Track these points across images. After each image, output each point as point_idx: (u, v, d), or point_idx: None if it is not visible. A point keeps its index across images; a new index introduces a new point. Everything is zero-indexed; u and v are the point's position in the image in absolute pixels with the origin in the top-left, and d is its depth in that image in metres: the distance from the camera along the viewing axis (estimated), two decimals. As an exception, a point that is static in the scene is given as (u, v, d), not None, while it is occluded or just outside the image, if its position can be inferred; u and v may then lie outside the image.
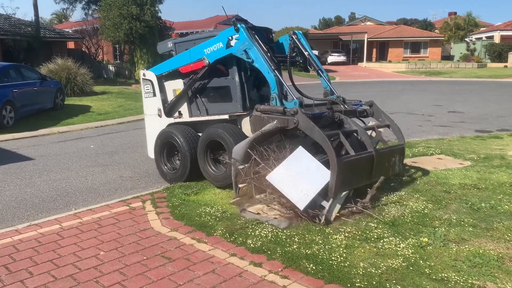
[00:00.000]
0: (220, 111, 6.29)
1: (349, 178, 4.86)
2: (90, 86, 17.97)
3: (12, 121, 11.21)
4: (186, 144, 6.21)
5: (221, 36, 5.86)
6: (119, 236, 4.56)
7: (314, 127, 4.84)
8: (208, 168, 6.12)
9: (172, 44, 6.93)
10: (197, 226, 4.75)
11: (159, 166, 6.76)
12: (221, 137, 5.76)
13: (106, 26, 24.24)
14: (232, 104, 6.17)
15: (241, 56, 5.72)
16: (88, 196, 6.16)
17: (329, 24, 75.76)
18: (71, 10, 35.31)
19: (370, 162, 5.13)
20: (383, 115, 6.13)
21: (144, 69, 7.30)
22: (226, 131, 5.73)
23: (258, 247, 4.15)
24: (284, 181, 4.62)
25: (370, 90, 21.95)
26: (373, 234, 4.35)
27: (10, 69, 12.25)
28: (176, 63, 6.64)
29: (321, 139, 4.78)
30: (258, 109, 5.38)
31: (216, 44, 5.94)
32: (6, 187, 6.53)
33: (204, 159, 6.12)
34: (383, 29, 52.35)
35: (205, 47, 6.10)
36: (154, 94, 6.92)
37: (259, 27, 6.46)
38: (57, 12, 54.24)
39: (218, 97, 6.39)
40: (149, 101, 7.02)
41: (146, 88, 7.01)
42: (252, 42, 5.59)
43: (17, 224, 5.02)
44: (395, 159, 5.64)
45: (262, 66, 5.53)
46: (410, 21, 69.66)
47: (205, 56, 6.08)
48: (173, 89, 6.85)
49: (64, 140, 10.06)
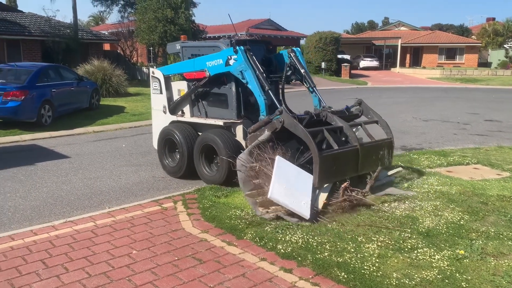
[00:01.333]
0: (218, 115, 6.82)
1: (332, 170, 5.26)
2: (125, 87, 18.36)
3: (50, 119, 11.57)
4: (184, 142, 6.75)
5: (222, 53, 6.36)
6: (151, 235, 4.63)
7: (298, 124, 5.35)
8: (202, 169, 6.62)
9: (180, 46, 7.42)
10: (227, 228, 4.76)
11: (161, 159, 7.35)
12: (214, 142, 6.27)
13: (141, 29, 24.75)
14: (228, 111, 6.68)
15: (237, 75, 6.22)
16: (122, 195, 6.29)
17: (361, 29, 74.95)
18: (108, 13, 36.24)
19: (355, 155, 5.53)
20: (372, 112, 6.62)
21: (153, 67, 7.82)
22: (219, 137, 6.24)
23: (289, 252, 4.13)
24: (285, 195, 4.85)
25: (402, 96, 21.54)
26: (406, 244, 4.25)
27: (50, 70, 12.66)
28: (182, 68, 7.18)
29: (303, 135, 5.26)
30: (250, 130, 5.84)
31: (217, 60, 6.42)
32: (44, 184, 6.73)
33: (199, 161, 6.62)
34: (417, 34, 51.34)
35: (208, 60, 6.58)
36: (160, 91, 7.50)
37: (259, 41, 7.30)
38: (94, 15, 55.74)
39: (217, 102, 6.88)
40: (156, 97, 7.63)
41: (154, 85, 7.63)
42: (248, 65, 6.04)
43: (54, 220, 5.17)
44: (383, 152, 5.98)
45: (254, 89, 6.04)
46: (446, 27, 68.08)
47: (207, 68, 6.58)
48: (178, 89, 7.37)
49: (99, 140, 10.31)
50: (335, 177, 5.41)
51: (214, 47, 6.72)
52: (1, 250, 4.26)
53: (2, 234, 4.71)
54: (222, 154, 6.12)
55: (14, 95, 10.55)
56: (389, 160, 6.16)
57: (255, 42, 7.15)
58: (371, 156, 5.79)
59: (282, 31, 38.47)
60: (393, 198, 5.60)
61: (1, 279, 3.72)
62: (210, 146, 6.40)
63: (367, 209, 5.25)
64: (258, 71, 6.05)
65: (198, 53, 7.02)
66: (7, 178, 6.96)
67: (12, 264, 3.99)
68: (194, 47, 7.25)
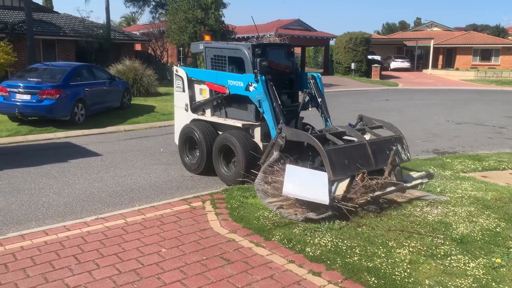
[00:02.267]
0: (237, 116, 6.98)
1: (344, 164, 5.36)
2: (155, 87, 18.62)
3: (83, 118, 11.84)
4: (203, 140, 7.01)
5: (244, 77, 6.48)
6: (180, 234, 4.67)
7: (298, 131, 5.69)
8: (220, 168, 6.84)
9: (203, 47, 7.52)
10: (255, 229, 4.75)
11: (181, 156, 7.65)
12: (232, 143, 6.45)
13: (172, 30, 25.04)
14: (247, 113, 6.81)
15: (255, 102, 6.39)
16: (151, 193, 6.37)
17: (392, 29, 73.65)
18: (139, 14, 36.83)
19: (364, 150, 5.65)
20: (374, 120, 6.75)
21: (177, 66, 8.13)
22: (237, 139, 6.41)
23: (317, 255, 4.08)
24: (299, 190, 4.90)
25: (434, 98, 21.03)
26: (439, 251, 4.14)
27: (83, 69, 12.96)
28: (205, 76, 7.34)
29: (306, 137, 5.55)
30: (262, 161, 5.95)
31: (238, 82, 6.56)
32: (76, 180, 6.90)
33: (217, 160, 6.83)
34: (451, 35, 50.05)
35: (230, 78, 6.72)
36: (183, 89, 7.74)
37: (280, 44, 7.46)
38: (126, 15, 56.81)
39: (237, 103, 6.99)
40: (179, 95, 7.88)
41: (178, 83, 7.87)
42: (267, 96, 6.16)
43: (86, 217, 5.28)
44: (397, 147, 6.04)
45: (269, 121, 6.20)
46: (481, 27, 66.14)
47: (228, 86, 6.74)
48: (200, 88, 7.56)
49: (129, 138, 10.49)
50: (349, 170, 5.40)
51: (236, 50, 6.85)
52: (36, 245, 4.38)
53: (37, 229, 4.85)
54: (239, 155, 6.32)
55: (49, 94, 10.85)
56: (407, 155, 6.20)
57: (275, 46, 7.37)
58: (383, 151, 5.85)
59: (311, 32, 38.17)
60: (425, 203, 5.46)
61: (36, 273, 3.82)
62: (228, 147, 6.57)
63: (398, 213, 5.14)
64: (276, 103, 6.18)
65: (220, 54, 7.14)
66: (42, 174, 7.17)
67: (46, 258, 4.10)
68: (217, 48, 7.33)
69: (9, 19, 22.83)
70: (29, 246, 4.36)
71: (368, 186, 5.20)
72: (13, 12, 24.53)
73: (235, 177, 6.48)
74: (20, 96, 10.91)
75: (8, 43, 19.19)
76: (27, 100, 10.85)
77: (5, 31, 20.40)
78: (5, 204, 5.80)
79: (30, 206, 5.73)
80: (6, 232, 4.86)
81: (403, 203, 5.50)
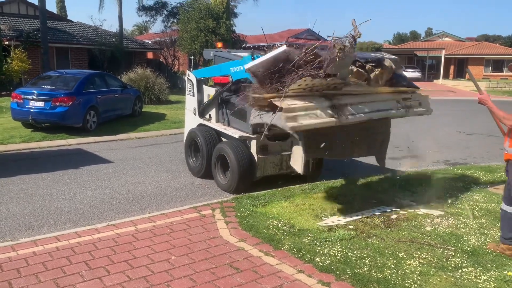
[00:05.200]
0: (238, 126, 7.16)
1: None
2: (166, 95, 18.77)
3: (94, 125, 11.99)
4: (205, 146, 7.36)
5: (243, 61, 6.55)
6: (190, 242, 4.69)
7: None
8: (217, 176, 7.13)
9: (213, 54, 7.94)
10: (264, 238, 4.76)
11: (186, 158, 8.06)
12: (227, 154, 6.74)
13: (183, 39, 25.31)
14: (246, 125, 6.90)
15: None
16: (161, 200, 6.41)
17: (403, 39, 73.61)
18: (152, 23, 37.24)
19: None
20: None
21: (189, 70, 8.45)
22: (232, 150, 6.67)
23: (327, 266, 4.07)
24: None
25: (445, 109, 20.89)
26: (450, 263, 4.11)
27: (96, 77, 13.14)
28: (211, 72, 7.82)
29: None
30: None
31: (238, 67, 6.63)
32: (88, 187, 6.97)
33: (215, 167, 7.13)
34: (462, 45, 49.88)
35: (232, 66, 6.83)
36: (193, 94, 8.12)
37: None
38: (138, 24, 57.52)
39: (238, 114, 7.11)
40: (189, 99, 8.30)
41: (189, 87, 8.28)
42: None
43: (97, 223, 5.34)
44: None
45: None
46: (493, 38, 65.84)
47: (231, 74, 6.86)
48: (208, 94, 7.87)
49: (140, 146, 10.59)
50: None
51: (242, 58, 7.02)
52: (47, 250, 4.43)
53: (49, 234, 4.91)
54: (233, 166, 6.59)
55: (62, 101, 11.01)
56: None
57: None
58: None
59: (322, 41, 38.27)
60: (437, 214, 5.43)
61: (48, 278, 3.86)
62: (224, 156, 6.84)
63: (409, 224, 5.11)
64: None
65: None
66: (54, 181, 7.26)
67: (58, 264, 4.14)
68: (224, 57, 7.62)
69: (24, 27, 23.26)
70: (41, 251, 4.41)
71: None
72: (28, 20, 25.01)
73: (229, 186, 6.78)
74: (33, 103, 11.09)
75: (23, 51, 19.55)
76: (41, 107, 11.03)
77: (20, 39, 20.77)
78: (18, 209, 5.88)
79: (42, 212, 5.80)
80: (19, 237, 4.93)
81: (413, 214, 5.47)
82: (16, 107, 11.30)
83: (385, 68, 5.72)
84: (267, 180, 7.21)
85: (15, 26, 23.01)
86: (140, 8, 31.84)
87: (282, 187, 6.77)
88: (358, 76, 5.44)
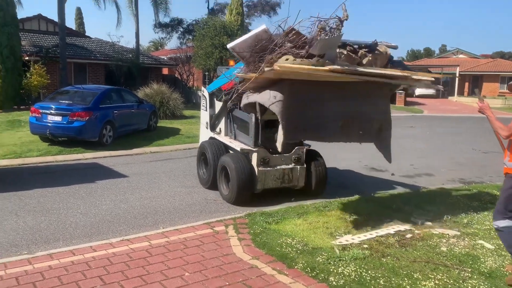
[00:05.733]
0: (243, 140, 7.44)
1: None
2: (181, 110, 18.97)
3: (110, 139, 12.14)
4: (212, 159, 7.63)
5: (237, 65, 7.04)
6: (203, 258, 4.70)
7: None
8: (221, 186, 7.35)
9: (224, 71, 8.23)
10: (278, 256, 4.74)
11: (197, 168, 8.44)
12: (228, 166, 6.96)
13: (198, 55, 25.64)
14: (248, 138, 7.20)
15: None
16: (175, 215, 6.44)
17: (417, 56, 73.49)
18: (168, 39, 37.92)
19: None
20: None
21: (204, 87, 8.85)
22: (233, 162, 6.89)
23: (341, 285, 4.04)
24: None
25: (460, 126, 20.74)
26: (466, 285, 4.04)
27: (113, 92, 13.35)
28: (220, 83, 8.10)
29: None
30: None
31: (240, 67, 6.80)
32: (103, 201, 7.04)
33: (220, 178, 7.35)
34: (477, 62, 49.55)
35: (235, 70, 7.07)
36: (206, 108, 8.57)
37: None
38: (154, 40, 58.62)
39: (243, 128, 7.46)
40: (203, 113, 8.83)
41: (203, 102, 8.77)
42: None
43: (111, 238, 5.38)
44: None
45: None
46: (508, 55, 65.31)
47: (234, 78, 7.11)
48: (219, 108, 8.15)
49: (155, 160, 10.68)
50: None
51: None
52: (63, 264, 4.48)
53: (65, 248, 4.96)
54: (233, 177, 6.81)
55: (79, 116, 11.19)
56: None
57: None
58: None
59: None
60: (452, 234, 5.36)
61: (63, 293, 3.90)
62: (227, 168, 7.05)
63: (424, 244, 5.06)
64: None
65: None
66: (70, 194, 7.36)
67: (73, 278, 4.18)
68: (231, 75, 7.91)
69: (44, 43, 23.82)
70: (56, 265, 4.46)
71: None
72: (47, 36, 25.60)
73: (230, 197, 7.02)
74: (51, 117, 11.29)
75: (42, 66, 19.99)
76: (58, 121, 11.22)
77: (40, 55, 21.26)
78: (35, 223, 5.97)
79: (58, 226, 5.88)
80: (35, 250, 5.00)
81: (428, 234, 5.40)
82: (34, 121, 11.52)
83: (379, 54, 5.70)
84: (279, 196, 7.22)
85: (35, 42, 23.59)
86: (157, 25, 32.49)
87: (295, 204, 6.77)
88: (349, 60, 5.43)
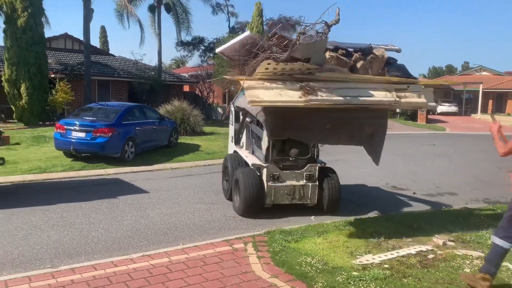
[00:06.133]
0: (258, 155, 7.64)
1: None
2: (201, 127, 19.19)
3: (132, 155, 12.34)
4: (231, 171, 7.92)
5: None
6: (222, 276, 4.70)
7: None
8: (234, 198, 7.54)
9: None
10: (297, 275, 4.71)
11: (222, 180, 8.75)
12: (238, 179, 7.19)
13: (219, 72, 25.97)
14: (260, 153, 7.41)
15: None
16: (195, 232, 6.48)
17: (439, 73, 72.82)
18: (189, 57, 38.65)
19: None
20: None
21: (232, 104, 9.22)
22: (243, 176, 7.08)
23: (361, 305, 3.98)
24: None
25: (484, 144, 20.29)
26: (491, 308, 3.93)
27: (135, 109, 13.63)
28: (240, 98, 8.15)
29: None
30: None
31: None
32: (124, 217, 7.14)
33: (234, 190, 7.54)
34: (501, 79, 48.72)
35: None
36: (232, 123, 9.09)
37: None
38: (176, 58, 59.63)
39: (258, 143, 7.63)
40: (230, 128, 9.44)
41: (231, 118, 9.31)
42: None
43: (132, 253, 5.44)
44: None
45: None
46: (534, 72, 63.93)
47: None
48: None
49: (175, 176, 10.79)
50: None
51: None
52: (85, 279, 4.55)
53: (87, 263, 5.04)
54: (241, 190, 7.08)
55: (103, 132, 11.44)
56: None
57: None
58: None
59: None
60: (476, 255, 5.24)
61: (84, 307, 3.95)
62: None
63: (446, 265, 4.95)
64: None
65: None
66: (92, 209, 7.48)
67: (94, 293, 4.24)
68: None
69: (69, 61, 24.54)
70: (78, 279, 4.53)
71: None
72: (73, 54, 26.39)
73: (238, 209, 7.28)
74: (75, 133, 11.57)
75: (67, 83, 20.56)
76: (82, 137, 11.48)
77: (65, 72, 21.90)
78: (58, 237, 6.08)
79: (81, 240, 5.98)
80: (58, 264, 5.09)
81: (451, 255, 5.29)
82: (59, 137, 11.82)
83: (375, 58, 5.64)
84: (299, 214, 7.20)
85: (61, 60, 24.32)
86: (179, 43, 33.14)
87: (315, 222, 6.73)
88: (339, 64, 5.38)
